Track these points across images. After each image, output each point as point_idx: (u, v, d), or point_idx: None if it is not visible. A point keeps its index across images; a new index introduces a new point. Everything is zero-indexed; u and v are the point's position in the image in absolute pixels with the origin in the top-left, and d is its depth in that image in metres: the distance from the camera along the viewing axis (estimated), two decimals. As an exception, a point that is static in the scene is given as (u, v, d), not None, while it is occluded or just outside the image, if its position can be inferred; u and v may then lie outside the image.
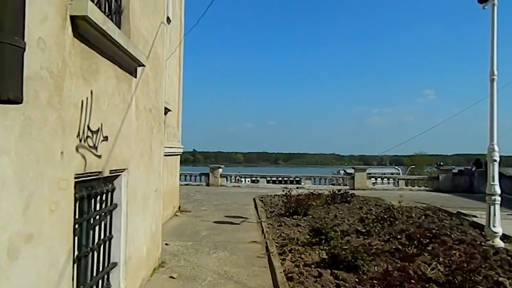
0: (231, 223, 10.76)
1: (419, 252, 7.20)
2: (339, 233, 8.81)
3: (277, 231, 9.43)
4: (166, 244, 7.88)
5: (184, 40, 12.64)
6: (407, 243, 7.54)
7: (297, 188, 23.26)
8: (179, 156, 12.64)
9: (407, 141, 33.85)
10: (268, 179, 25.65)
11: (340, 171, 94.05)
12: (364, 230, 9.29)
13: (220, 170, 24.91)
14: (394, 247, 7.69)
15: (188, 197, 17.26)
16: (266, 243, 7.99)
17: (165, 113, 10.20)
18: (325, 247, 7.25)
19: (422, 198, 17.54)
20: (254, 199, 16.52)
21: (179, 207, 12.95)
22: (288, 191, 16.16)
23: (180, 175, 27.19)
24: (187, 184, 24.78)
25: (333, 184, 24.29)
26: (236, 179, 25.68)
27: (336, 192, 15.47)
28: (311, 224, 10.18)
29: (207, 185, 24.55)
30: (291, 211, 11.57)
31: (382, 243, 8.16)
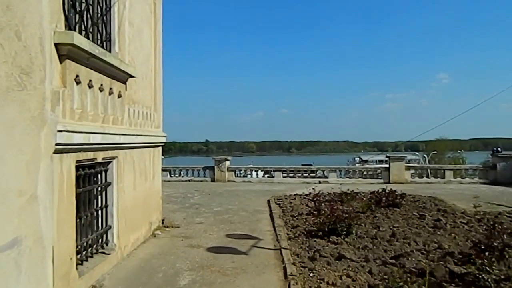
0: (235, 252, 6.86)
1: None
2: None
3: (311, 274, 5.49)
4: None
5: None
6: None
7: (320, 182, 19.34)
8: (158, 148, 8.77)
9: (437, 126, 29.50)
10: (284, 171, 21.69)
11: (356, 159, 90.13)
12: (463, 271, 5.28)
13: (228, 162, 21.04)
14: None
15: (184, 200, 13.43)
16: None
17: (125, 80, 6.32)
18: None
19: (490, 196, 13.34)
20: (268, 201, 12.61)
21: (163, 221, 9.12)
22: (313, 189, 12.33)
23: (181, 170, 23.60)
24: (188, 180, 21.08)
25: (363, 177, 20.21)
26: (246, 173, 21.84)
27: (379, 192, 11.44)
28: (365, 256, 6.23)
29: (213, 180, 20.75)
30: (327, 229, 7.61)
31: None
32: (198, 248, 7.11)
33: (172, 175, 21.90)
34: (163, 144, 9.03)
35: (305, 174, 21.08)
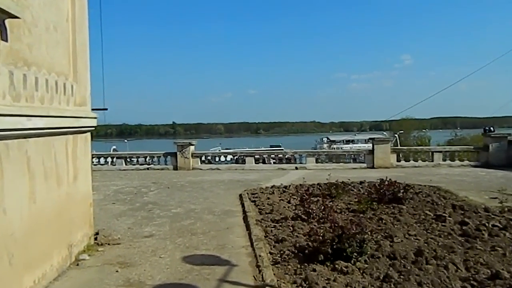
0: (194, 294, 4.46)
1: None
2: None
3: None
4: None
5: None
6: None
7: (297, 168, 17.18)
8: (85, 135, 6.10)
9: (419, 103, 28.19)
10: (256, 157, 19.35)
11: (323, 139, 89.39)
12: None
13: (192, 148, 18.41)
14: None
15: (136, 197, 10.82)
16: None
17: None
18: None
19: (497, 184, 11.49)
20: (241, 197, 10.23)
21: (95, 236, 6.56)
22: (292, 179, 10.14)
23: (138, 157, 20.75)
24: (147, 169, 18.37)
25: (344, 162, 18.21)
26: (213, 159, 19.36)
27: (377, 183, 9.31)
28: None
29: (175, 168, 18.13)
30: (330, 249, 5.27)
31: None
32: (139, 288, 4.65)
33: (128, 163, 19.09)
34: (92, 128, 6.38)
35: (280, 160, 18.85)
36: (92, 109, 13.84)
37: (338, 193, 9.87)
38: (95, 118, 6.42)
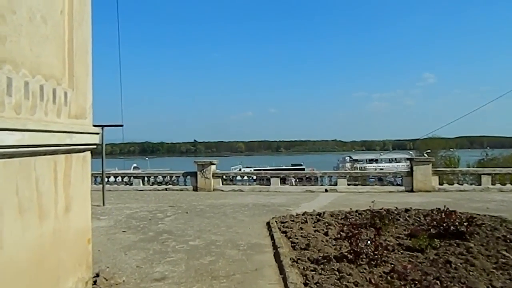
0: None
1: None
2: None
3: None
4: None
5: None
6: None
7: (327, 191, 15.71)
8: (83, 154, 4.92)
9: (452, 122, 26.49)
10: (282, 176, 17.89)
11: (346, 158, 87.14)
12: None
13: (213, 167, 17.22)
14: None
15: (150, 224, 9.59)
16: None
17: None
18: None
19: None
20: (269, 226, 8.87)
21: (95, 280, 5.31)
22: (323, 203, 8.80)
23: (156, 176, 19.66)
24: (166, 189, 17.24)
25: (380, 184, 16.60)
26: (236, 180, 18.08)
27: (433, 213, 7.79)
28: None
29: (195, 189, 16.95)
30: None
31: None
32: None
33: (145, 183, 18.02)
34: (92, 146, 5.19)
35: (307, 181, 17.39)
36: (107, 125, 12.90)
37: (384, 224, 8.38)
38: (96, 134, 5.23)
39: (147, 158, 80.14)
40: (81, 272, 4.91)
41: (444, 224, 7.27)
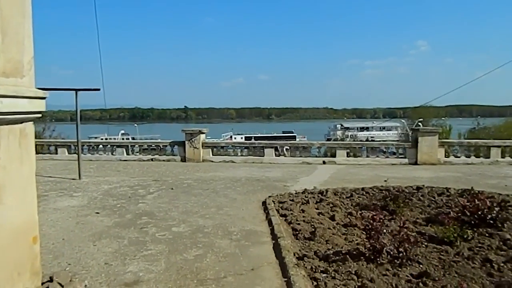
0: None
1: None
2: None
3: None
4: None
5: None
6: None
7: (325, 162, 14.63)
8: (20, 126, 3.60)
9: (448, 93, 25.26)
10: (275, 146, 16.65)
11: (337, 126, 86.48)
12: None
13: (203, 136, 15.94)
14: None
15: (129, 203, 8.38)
16: None
17: None
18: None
19: None
20: (265, 207, 7.73)
21: (47, 286, 4.10)
22: (339, 189, 7.73)
23: (141, 145, 18.32)
24: (151, 160, 16.00)
25: (382, 156, 15.52)
26: (227, 150, 16.83)
27: (459, 194, 6.69)
28: None
29: (183, 160, 15.74)
30: None
31: None
32: None
33: (129, 153, 16.71)
34: (36, 115, 3.85)
35: (303, 147, 16.17)
36: (81, 89, 11.32)
37: (396, 205, 7.26)
38: (41, 98, 3.88)
39: (135, 124, 78.20)
40: (23, 282, 3.71)
41: (473, 209, 6.16)
